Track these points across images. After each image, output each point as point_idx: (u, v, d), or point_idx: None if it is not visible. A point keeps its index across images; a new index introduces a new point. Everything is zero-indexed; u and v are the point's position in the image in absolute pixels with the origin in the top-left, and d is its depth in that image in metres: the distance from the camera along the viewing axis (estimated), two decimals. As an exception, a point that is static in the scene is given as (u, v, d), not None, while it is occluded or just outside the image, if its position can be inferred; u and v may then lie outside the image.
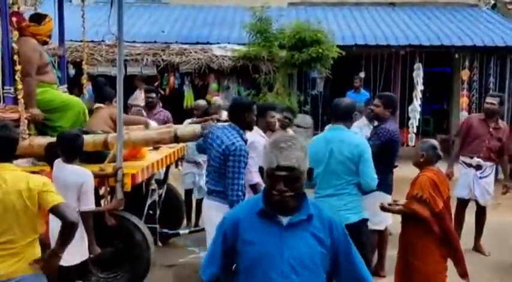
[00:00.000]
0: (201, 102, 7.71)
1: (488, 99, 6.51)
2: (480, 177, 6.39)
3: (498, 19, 13.32)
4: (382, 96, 5.66)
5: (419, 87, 11.53)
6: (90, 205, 4.18)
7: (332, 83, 12.09)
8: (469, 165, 6.42)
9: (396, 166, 5.82)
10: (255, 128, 4.57)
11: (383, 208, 4.55)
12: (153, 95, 7.25)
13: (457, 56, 11.90)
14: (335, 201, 4.30)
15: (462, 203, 6.55)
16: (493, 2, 16.28)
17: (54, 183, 3.36)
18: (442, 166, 4.67)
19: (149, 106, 7.13)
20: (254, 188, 4.50)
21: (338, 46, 10.75)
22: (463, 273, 4.28)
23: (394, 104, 5.50)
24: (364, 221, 4.51)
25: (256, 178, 4.44)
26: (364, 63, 11.88)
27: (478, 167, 6.37)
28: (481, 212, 6.57)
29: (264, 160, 2.27)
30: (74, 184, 4.10)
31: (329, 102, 10.83)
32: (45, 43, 5.43)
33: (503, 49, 11.78)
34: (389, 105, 5.38)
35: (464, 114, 11.76)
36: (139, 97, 9.47)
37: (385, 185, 5.29)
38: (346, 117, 4.52)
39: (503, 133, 6.40)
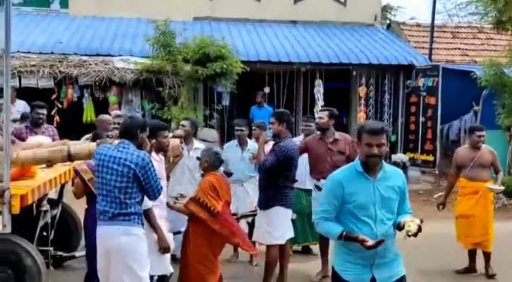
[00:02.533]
0: (105, 116, 7.35)
1: (318, 114, 6.17)
2: None
3: (392, 39, 14.16)
4: (275, 113, 5.77)
5: (320, 102, 11.95)
6: None
7: (237, 98, 12.20)
8: (320, 189, 5.78)
9: (297, 180, 5.91)
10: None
11: (168, 205, 4.93)
12: (44, 111, 6.83)
13: (354, 73, 12.50)
14: None
15: None
16: (387, 22, 17.35)
17: None
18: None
19: (38, 123, 6.68)
20: (146, 214, 4.29)
21: (242, 62, 10.88)
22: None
23: (286, 118, 5.53)
24: None
25: (149, 203, 4.31)
26: (267, 78, 12.11)
27: None
28: None
29: None
30: None
31: (234, 116, 11.02)
32: None
33: (396, 67, 12.55)
34: (282, 121, 5.48)
35: (361, 129, 12.32)
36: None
37: (284, 200, 5.41)
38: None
39: (345, 144, 5.93)
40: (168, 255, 4.63)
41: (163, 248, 4.45)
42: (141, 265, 4.08)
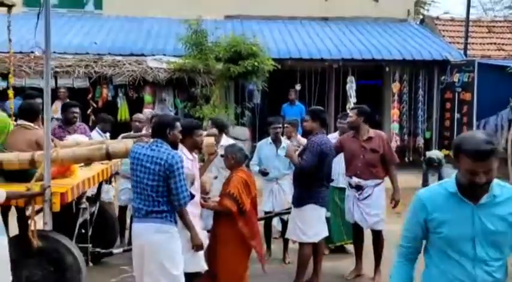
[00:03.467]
0: (141, 115, 7.51)
1: (348, 113, 6.20)
2: (359, 199, 5.78)
3: (426, 34, 13.91)
4: (309, 110, 5.78)
5: (353, 99, 11.84)
6: None
7: (268, 96, 12.20)
8: (352, 186, 5.87)
9: (332, 180, 5.87)
10: (181, 146, 4.50)
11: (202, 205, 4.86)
12: (78, 109, 6.92)
13: (387, 69, 12.33)
14: None
15: (354, 227, 6.02)
16: (421, 17, 17.06)
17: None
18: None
19: (72, 122, 6.78)
20: (180, 212, 4.26)
21: (273, 59, 10.88)
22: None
23: (321, 116, 5.53)
24: None
25: None
26: (299, 76, 12.07)
27: (358, 188, 5.78)
28: (374, 238, 5.89)
29: None
30: None
31: (265, 114, 11.02)
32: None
33: (431, 62, 12.33)
34: (315, 117, 5.47)
35: (395, 126, 12.21)
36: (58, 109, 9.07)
37: (318, 198, 5.39)
38: None
39: (379, 142, 5.79)
40: (201, 253, 4.66)
41: (197, 246, 4.48)
42: (174, 263, 4.12)
